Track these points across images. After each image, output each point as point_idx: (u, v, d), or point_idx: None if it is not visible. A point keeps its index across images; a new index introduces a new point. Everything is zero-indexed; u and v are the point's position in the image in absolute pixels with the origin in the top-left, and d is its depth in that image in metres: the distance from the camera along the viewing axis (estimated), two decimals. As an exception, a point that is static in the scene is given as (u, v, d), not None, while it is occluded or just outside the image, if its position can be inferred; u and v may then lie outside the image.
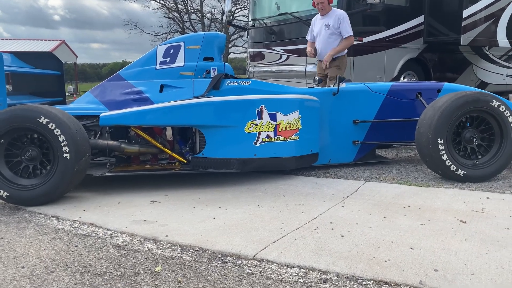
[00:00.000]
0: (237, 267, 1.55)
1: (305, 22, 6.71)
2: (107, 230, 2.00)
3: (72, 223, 2.11)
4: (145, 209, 2.31)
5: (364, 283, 1.40)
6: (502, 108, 2.60)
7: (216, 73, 3.10)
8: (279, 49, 7.39)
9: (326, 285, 1.40)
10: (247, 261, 1.59)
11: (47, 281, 1.46)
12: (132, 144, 2.90)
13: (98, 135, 2.96)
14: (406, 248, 1.65)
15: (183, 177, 2.86)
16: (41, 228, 2.04)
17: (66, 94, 15.76)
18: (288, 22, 7.30)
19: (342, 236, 1.79)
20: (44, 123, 2.37)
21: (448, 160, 2.58)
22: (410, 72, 7.44)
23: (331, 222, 1.97)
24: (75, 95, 28.94)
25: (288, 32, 7.39)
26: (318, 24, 3.99)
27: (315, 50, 4.02)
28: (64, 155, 2.38)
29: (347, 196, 2.39)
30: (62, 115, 2.47)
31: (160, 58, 3.15)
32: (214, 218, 2.10)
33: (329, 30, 3.79)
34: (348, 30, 3.76)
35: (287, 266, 1.53)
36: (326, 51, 3.83)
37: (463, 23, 6.70)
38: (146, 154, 2.95)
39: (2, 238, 1.92)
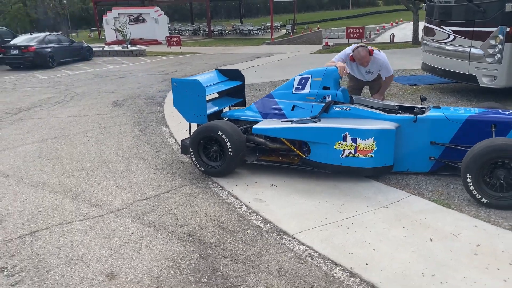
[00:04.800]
0: (280, 238, 3.20)
1: (475, 5, 6.91)
2: (240, 202, 3.88)
3: (227, 194, 4.08)
4: (266, 190, 4.10)
5: (329, 260, 2.87)
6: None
7: (330, 99, 4.49)
8: (447, 28, 7.74)
9: (311, 259, 2.93)
10: (287, 237, 3.21)
11: (204, 226, 3.43)
12: (273, 142, 4.65)
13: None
14: (370, 249, 2.96)
15: (299, 169, 4.46)
16: (212, 195, 4.07)
17: (285, 32, 19.45)
18: (458, 3, 7.50)
19: (347, 234, 3.20)
20: (220, 134, 4.34)
21: (475, 191, 3.46)
22: None
23: (352, 223, 3.35)
24: (291, 34, 32.13)
25: (457, 14, 7.61)
26: (356, 67, 5.04)
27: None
28: (229, 152, 4.33)
29: (385, 205, 3.63)
30: (230, 129, 4.38)
31: (295, 85, 4.73)
32: (294, 206, 3.73)
33: (371, 75, 4.91)
34: (390, 71, 4.91)
35: (303, 244, 3.09)
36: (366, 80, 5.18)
37: None
38: (282, 149, 4.68)
39: (195, 198, 4.04)
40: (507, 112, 4.02)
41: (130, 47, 22.31)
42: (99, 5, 37.51)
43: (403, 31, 30.62)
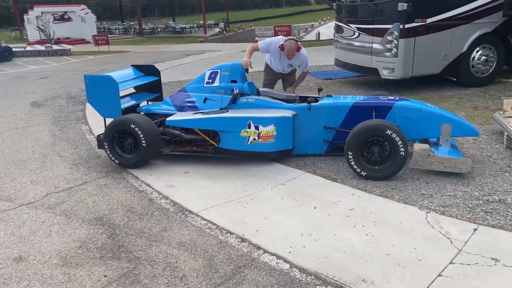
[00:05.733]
0: (185, 216, 3.53)
1: (374, 4, 7.64)
2: (152, 189, 4.14)
3: (141, 183, 4.32)
4: (179, 177, 4.40)
5: (225, 230, 3.24)
6: (393, 135, 3.85)
7: (237, 91, 4.88)
8: (353, 26, 8.46)
9: (209, 230, 3.28)
10: (191, 214, 3.54)
11: (115, 212, 3.67)
12: (188, 133, 4.95)
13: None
14: (263, 219, 3.38)
15: (212, 157, 4.80)
16: (126, 184, 4.30)
17: (218, 30, 20.05)
18: (360, 3, 8.23)
19: (245, 208, 3.59)
20: (133, 127, 4.55)
21: (355, 165, 4.02)
22: (486, 45, 7.77)
23: (251, 199, 3.76)
24: (224, 32, 32.45)
25: (360, 12, 8.34)
26: (279, 56, 5.44)
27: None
28: (143, 144, 4.56)
29: (283, 183, 4.07)
30: (143, 122, 4.61)
31: (206, 79, 5.07)
32: (203, 189, 4.07)
33: (291, 68, 5.42)
34: (308, 67, 5.45)
35: (204, 219, 3.44)
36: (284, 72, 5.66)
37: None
38: (197, 139, 4.98)
39: (109, 188, 4.24)
40: (386, 98, 4.64)
41: (55, 47, 21.44)
42: (20, 3, 35.43)
43: (330, 29, 31.90)
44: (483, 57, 7.74)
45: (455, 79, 8.04)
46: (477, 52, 7.74)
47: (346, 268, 2.70)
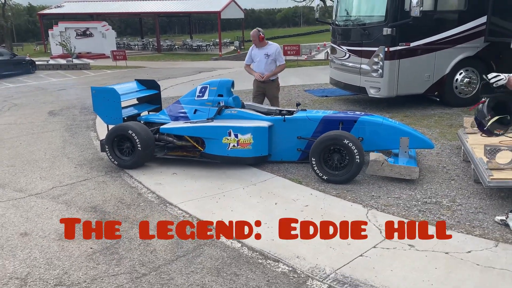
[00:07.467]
0: (165, 207, 4.15)
1: (362, 28, 8.28)
2: (143, 186, 4.79)
3: (134, 181, 4.98)
4: (167, 177, 5.04)
5: (196, 218, 3.84)
6: (350, 144, 4.43)
7: (223, 104, 5.54)
8: (344, 48, 9.08)
9: (182, 217, 3.89)
10: (171, 206, 4.17)
11: (107, 202, 4.33)
12: (179, 140, 5.61)
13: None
14: (229, 210, 3.98)
15: (199, 161, 5.43)
16: (121, 182, 4.96)
17: (233, 48, 21.11)
18: (351, 27, 8.88)
19: (217, 202, 4.20)
20: (130, 133, 5.25)
21: (317, 170, 4.59)
22: (469, 68, 8.30)
23: (224, 195, 4.36)
24: (239, 50, 33.40)
25: (350, 35, 8.97)
26: (257, 53, 6.36)
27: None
28: (139, 148, 5.23)
29: (254, 184, 4.67)
30: (139, 128, 5.30)
31: (197, 93, 5.75)
32: (185, 187, 4.69)
33: (268, 58, 6.15)
34: (283, 59, 6.27)
35: (181, 210, 4.06)
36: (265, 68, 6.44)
37: (515, 28, 7.35)
38: (188, 146, 5.63)
39: (106, 184, 4.91)
40: (352, 113, 5.22)
41: (76, 61, 22.64)
42: (45, 19, 37.23)
43: (342, 49, 32.70)
44: (466, 79, 8.26)
45: (438, 99, 8.55)
46: (460, 74, 8.27)
47: (286, 248, 3.27)
